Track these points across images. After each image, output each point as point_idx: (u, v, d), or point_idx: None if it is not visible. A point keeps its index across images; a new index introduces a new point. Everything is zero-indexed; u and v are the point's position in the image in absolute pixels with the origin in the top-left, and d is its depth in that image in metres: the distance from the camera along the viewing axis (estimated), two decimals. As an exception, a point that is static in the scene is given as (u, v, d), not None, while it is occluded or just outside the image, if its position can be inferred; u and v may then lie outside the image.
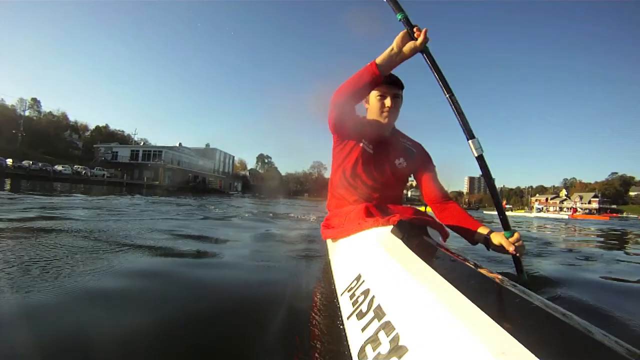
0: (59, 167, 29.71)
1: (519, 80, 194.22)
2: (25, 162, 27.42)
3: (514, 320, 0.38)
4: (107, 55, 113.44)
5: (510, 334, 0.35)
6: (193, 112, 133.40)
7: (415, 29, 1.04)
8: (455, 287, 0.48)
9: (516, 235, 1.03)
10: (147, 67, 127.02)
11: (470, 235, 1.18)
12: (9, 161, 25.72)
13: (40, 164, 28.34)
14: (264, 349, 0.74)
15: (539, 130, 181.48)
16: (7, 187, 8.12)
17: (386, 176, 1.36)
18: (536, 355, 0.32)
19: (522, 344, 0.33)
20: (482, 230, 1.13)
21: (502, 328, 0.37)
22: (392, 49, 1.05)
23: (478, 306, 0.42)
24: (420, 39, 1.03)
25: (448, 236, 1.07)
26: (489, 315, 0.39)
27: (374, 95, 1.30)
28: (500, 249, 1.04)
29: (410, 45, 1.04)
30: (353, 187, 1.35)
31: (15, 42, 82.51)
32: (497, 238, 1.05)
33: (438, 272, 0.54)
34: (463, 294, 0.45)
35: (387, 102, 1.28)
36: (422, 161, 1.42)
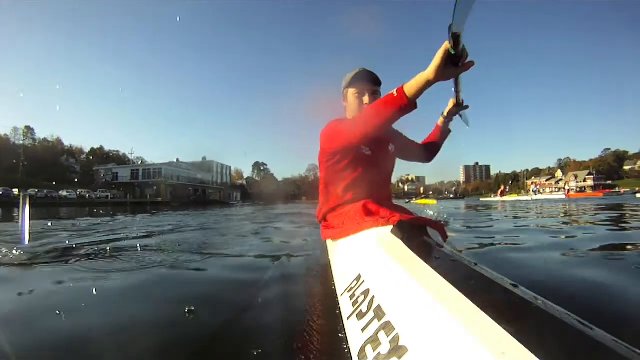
0: (64, 193, 30.18)
1: (506, 64, 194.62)
2: (30, 191, 27.93)
3: (514, 320, 0.38)
4: (90, 73, 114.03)
5: (510, 334, 0.35)
6: (183, 125, 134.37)
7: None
8: (455, 287, 0.48)
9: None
10: (132, 81, 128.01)
11: (444, 131, 1.53)
12: (15, 191, 26.30)
13: (45, 191, 29.05)
14: (264, 349, 0.75)
15: (531, 113, 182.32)
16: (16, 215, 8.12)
17: (384, 171, 1.37)
18: (536, 355, 0.32)
19: (522, 344, 0.34)
20: (440, 121, 1.51)
21: (502, 328, 0.37)
22: (429, 79, 0.84)
23: (478, 306, 0.42)
24: (464, 69, 0.84)
25: (447, 236, 1.06)
26: (489, 315, 0.39)
27: (352, 93, 1.30)
28: (453, 110, 1.40)
29: (451, 72, 0.83)
30: (356, 193, 1.33)
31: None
32: (449, 110, 1.42)
33: (438, 272, 0.54)
34: (463, 294, 0.45)
35: (366, 99, 1.27)
36: (398, 133, 1.53)
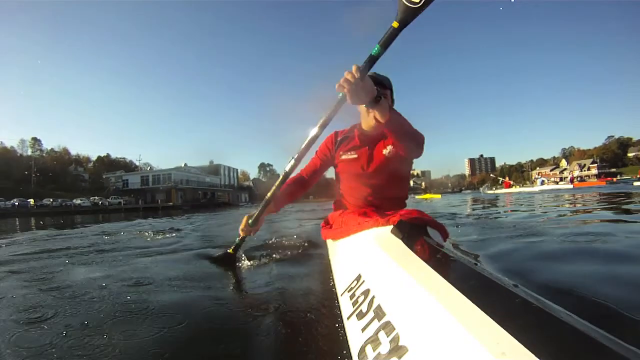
0: (77, 201, 30.73)
1: (509, 53, 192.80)
2: (45, 201, 28.85)
3: (514, 320, 0.38)
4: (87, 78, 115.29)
5: (510, 334, 0.35)
6: (189, 129, 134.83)
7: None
8: (455, 287, 0.48)
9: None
10: (132, 85, 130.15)
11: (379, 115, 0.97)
12: (31, 201, 26.99)
13: (59, 200, 29.73)
14: (265, 349, 0.75)
15: (533, 104, 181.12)
16: (33, 224, 7.89)
17: (381, 173, 1.32)
18: (536, 355, 0.32)
19: (522, 344, 0.34)
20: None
21: (502, 328, 0.37)
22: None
23: (478, 306, 0.42)
24: None
25: (448, 236, 1.06)
26: (489, 315, 0.40)
27: None
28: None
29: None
30: (353, 195, 1.37)
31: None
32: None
33: (438, 272, 0.55)
34: (463, 294, 0.46)
35: None
36: None
